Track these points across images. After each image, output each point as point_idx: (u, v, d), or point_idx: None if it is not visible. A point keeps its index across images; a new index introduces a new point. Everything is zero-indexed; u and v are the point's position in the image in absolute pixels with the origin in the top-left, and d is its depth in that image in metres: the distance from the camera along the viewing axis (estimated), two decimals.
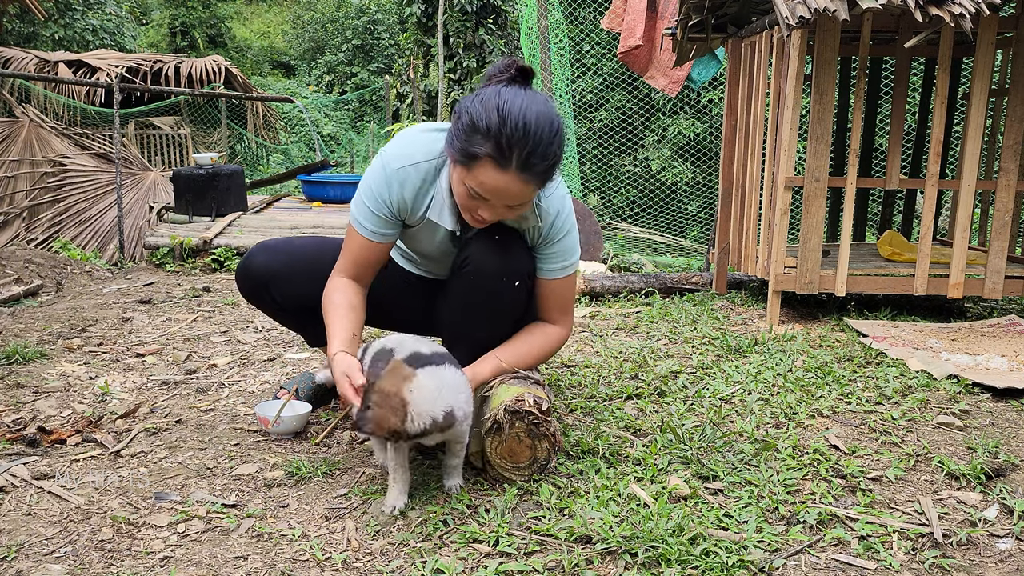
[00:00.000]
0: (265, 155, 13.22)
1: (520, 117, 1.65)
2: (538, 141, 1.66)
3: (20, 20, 12.93)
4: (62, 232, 7.27)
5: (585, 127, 9.33)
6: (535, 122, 1.65)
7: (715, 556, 1.51)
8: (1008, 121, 3.37)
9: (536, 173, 1.69)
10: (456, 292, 1.99)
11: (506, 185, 1.68)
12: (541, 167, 1.69)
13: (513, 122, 1.64)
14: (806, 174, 3.36)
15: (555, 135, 1.70)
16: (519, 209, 1.79)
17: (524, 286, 1.95)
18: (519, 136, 1.64)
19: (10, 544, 1.59)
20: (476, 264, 1.91)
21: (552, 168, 1.73)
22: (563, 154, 1.76)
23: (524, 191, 1.71)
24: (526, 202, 1.77)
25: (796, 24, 2.97)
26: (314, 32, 19.87)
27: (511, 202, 1.74)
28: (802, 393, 2.49)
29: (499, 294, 1.92)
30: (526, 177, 1.68)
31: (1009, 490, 1.83)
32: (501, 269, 1.90)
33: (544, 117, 1.68)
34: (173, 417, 2.31)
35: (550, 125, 1.68)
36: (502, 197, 1.71)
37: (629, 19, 5.99)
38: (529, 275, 1.95)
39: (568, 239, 1.96)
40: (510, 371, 1.96)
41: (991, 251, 3.46)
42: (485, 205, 1.75)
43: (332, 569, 1.52)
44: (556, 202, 1.92)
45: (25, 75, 9.42)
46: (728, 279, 4.22)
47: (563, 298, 2.03)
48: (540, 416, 1.81)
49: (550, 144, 1.68)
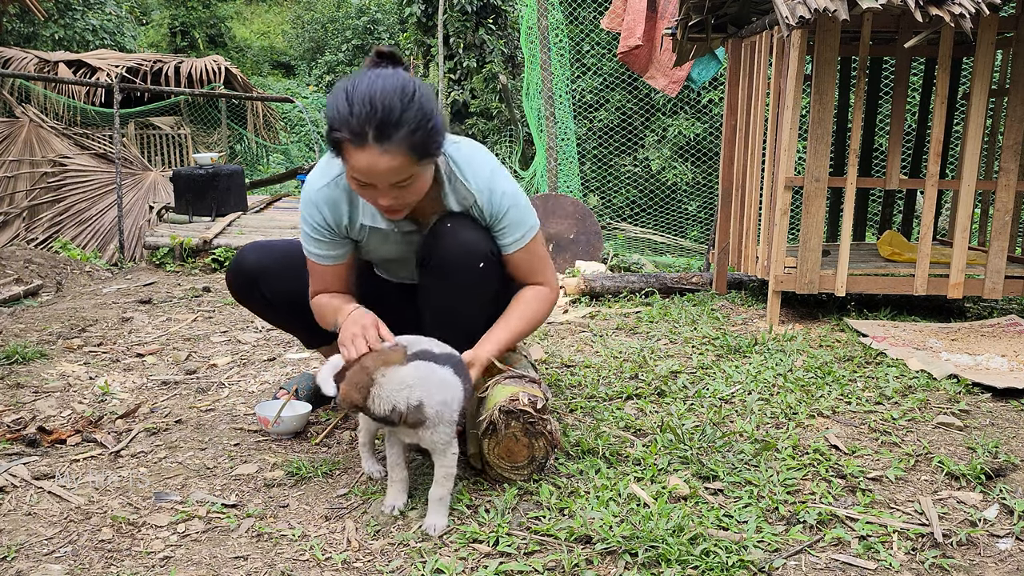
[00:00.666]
0: (265, 155, 13.22)
1: (365, 93, 1.67)
2: (388, 110, 1.65)
3: (20, 20, 12.93)
4: (62, 232, 7.27)
5: (585, 127, 9.33)
6: (381, 93, 1.66)
7: (715, 556, 1.51)
8: (1008, 121, 3.37)
9: (399, 142, 1.67)
10: (429, 289, 2.02)
11: (371, 162, 1.68)
12: (400, 135, 1.66)
13: (359, 100, 1.66)
14: (806, 174, 3.36)
15: (408, 102, 1.68)
16: (412, 186, 1.77)
17: (491, 265, 1.96)
18: (367, 111, 1.65)
19: (10, 544, 1.59)
20: (438, 256, 1.93)
21: (418, 134, 1.69)
22: (430, 119, 1.71)
23: (395, 164, 1.69)
24: (411, 176, 1.74)
25: (796, 24, 2.97)
26: (314, 32, 19.86)
27: (390, 179, 1.72)
28: (802, 393, 2.49)
29: (467, 279, 1.94)
30: (387, 147, 1.67)
31: (1009, 490, 1.83)
32: (462, 254, 1.91)
33: (392, 88, 1.68)
34: (173, 417, 2.31)
35: (400, 92, 1.68)
36: (378, 176, 1.71)
37: (629, 19, 5.99)
38: (492, 252, 1.96)
39: (514, 212, 1.96)
40: (512, 344, 1.99)
41: (991, 251, 3.46)
42: (376, 191, 1.76)
43: (332, 569, 1.52)
44: (484, 180, 1.92)
45: (25, 75, 9.42)
46: (728, 279, 4.22)
47: (533, 263, 2.04)
48: (535, 414, 1.81)
49: (404, 111, 1.66)
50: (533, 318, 2.04)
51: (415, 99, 1.69)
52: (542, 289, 2.06)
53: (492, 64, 12.46)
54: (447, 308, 2.01)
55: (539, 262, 2.05)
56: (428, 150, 1.74)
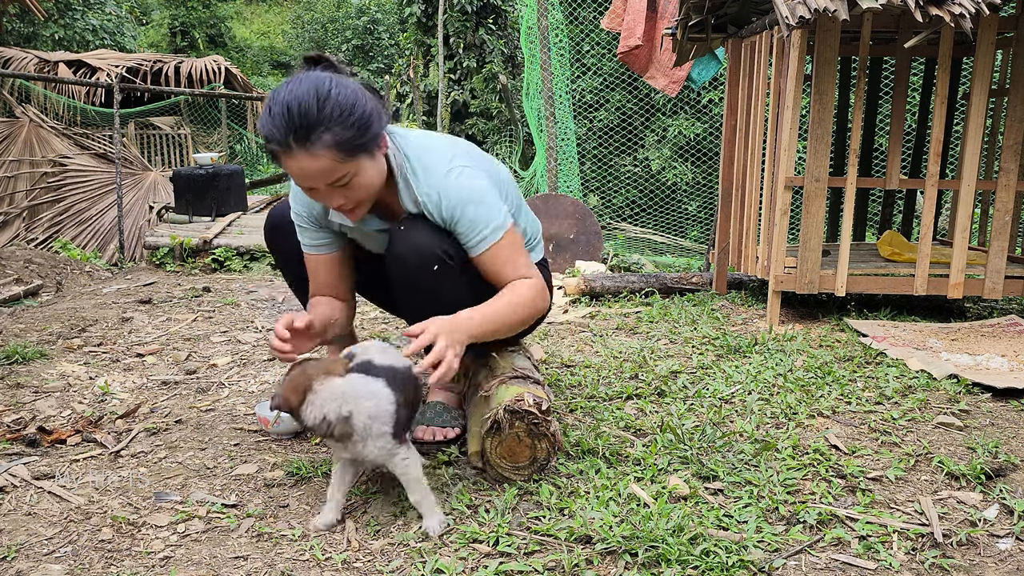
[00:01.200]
0: (265, 155, 13.21)
1: (282, 102, 1.67)
2: (304, 114, 1.65)
3: (20, 20, 12.93)
4: (62, 232, 7.28)
5: (585, 127, 9.33)
6: (296, 99, 1.66)
7: (715, 556, 1.51)
8: (1008, 121, 3.37)
9: (321, 143, 1.67)
10: (396, 291, 1.99)
11: (301, 166, 1.70)
12: (320, 135, 1.66)
13: (277, 110, 1.67)
14: (806, 174, 3.36)
15: (323, 101, 1.67)
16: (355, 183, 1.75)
17: (448, 269, 1.88)
18: (285, 120, 1.66)
19: (10, 544, 1.59)
20: (391, 257, 1.91)
21: (339, 131, 1.68)
22: (351, 114, 1.70)
23: (323, 165, 1.69)
24: (345, 174, 1.73)
25: (796, 24, 2.97)
26: (314, 32, 19.87)
27: (325, 180, 1.72)
28: (802, 393, 2.49)
29: (424, 281, 1.88)
30: (314, 151, 1.67)
31: (1009, 490, 1.83)
32: (415, 258, 1.86)
33: (306, 90, 1.67)
34: (173, 417, 2.31)
35: (315, 95, 1.67)
36: (313, 179, 1.72)
37: (629, 19, 5.99)
38: (448, 255, 1.88)
39: (471, 212, 1.86)
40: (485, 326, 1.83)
41: (991, 251, 3.46)
42: (320, 193, 1.77)
43: (332, 569, 1.52)
44: (435, 181, 1.87)
45: (25, 75, 9.42)
46: (728, 279, 4.22)
47: (503, 263, 1.91)
48: (540, 416, 1.81)
49: (320, 110, 1.66)
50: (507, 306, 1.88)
51: (330, 97, 1.68)
52: (521, 282, 1.91)
53: (492, 64, 12.46)
54: (407, 309, 2.00)
55: (511, 260, 1.92)
56: (356, 145, 1.71)
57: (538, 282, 1.94)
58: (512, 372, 2.00)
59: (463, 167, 1.89)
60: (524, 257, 1.95)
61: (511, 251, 1.92)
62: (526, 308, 1.91)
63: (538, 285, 1.93)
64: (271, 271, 5.23)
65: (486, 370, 2.13)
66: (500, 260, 1.90)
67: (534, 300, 1.92)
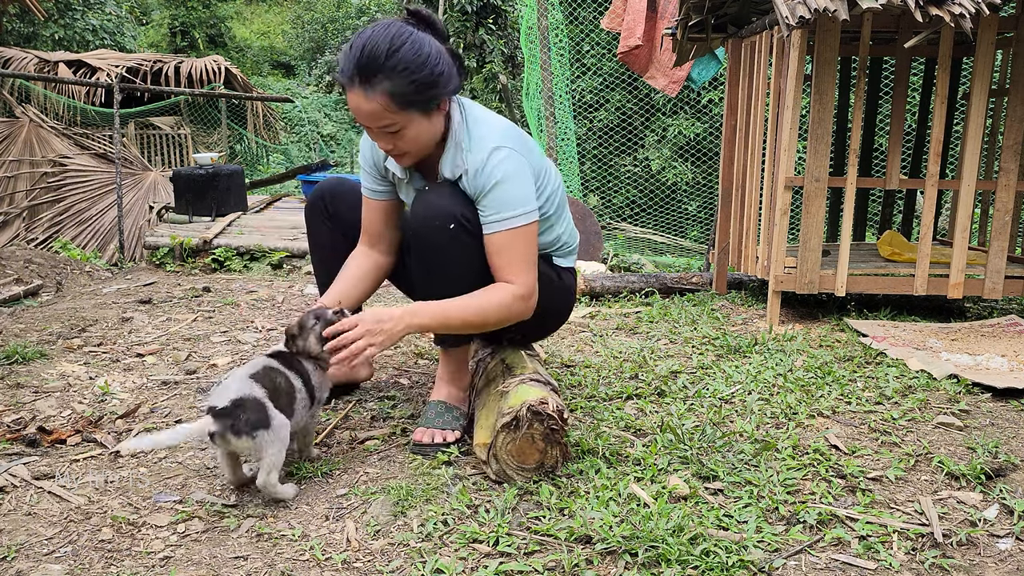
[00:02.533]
0: (265, 155, 13.22)
1: (360, 40, 1.81)
2: (372, 57, 1.78)
3: (20, 20, 12.93)
4: (62, 232, 7.28)
5: (585, 127, 9.33)
6: (372, 42, 1.80)
7: (715, 556, 1.51)
8: (1008, 121, 3.37)
9: (379, 87, 1.79)
10: (411, 255, 2.06)
11: (356, 103, 1.84)
12: (380, 81, 1.79)
13: (355, 45, 1.81)
14: (806, 174, 3.36)
15: (393, 51, 1.79)
16: (404, 134, 1.87)
17: (464, 232, 1.93)
18: (355, 56, 1.80)
19: (10, 544, 1.59)
20: (412, 214, 1.99)
21: (399, 82, 1.79)
22: (417, 71, 1.80)
23: (375, 108, 1.82)
24: (394, 123, 1.84)
25: (796, 24, 2.97)
26: (314, 32, 19.88)
27: (375, 123, 1.85)
28: (802, 393, 2.49)
29: (436, 239, 1.94)
30: (367, 92, 1.80)
31: (1009, 490, 1.83)
32: (432, 213, 1.93)
33: (383, 37, 1.81)
34: (173, 417, 2.31)
35: (388, 44, 1.79)
36: (364, 118, 1.86)
37: (629, 19, 5.99)
38: (466, 219, 1.93)
39: (500, 191, 1.91)
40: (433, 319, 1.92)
41: (991, 251, 3.46)
42: (373, 133, 1.90)
43: (332, 569, 1.52)
44: (481, 153, 1.93)
45: (25, 75, 9.42)
46: (728, 279, 4.22)
47: (511, 254, 1.93)
48: (560, 423, 1.81)
49: (387, 59, 1.78)
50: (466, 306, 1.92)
51: (401, 49, 1.80)
52: (504, 286, 1.93)
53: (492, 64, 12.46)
54: (420, 271, 2.04)
55: (518, 256, 1.94)
56: (410, 100, 1.83)
57: (520, 290, 1.94)
58: (534, 375, 2.01)
59: (511, 150, 1.95)
60: (529, 258, 1.96)
61: (520, 246, 1.94)
62: (497, 313, 1.94)
63: (518, 292, 1.94)
64: (271, 271, 5.24)
65: (502, 366, 2.14)
66: (505, 248, 1.94)
67: (509, 307, 1.94)
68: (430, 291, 2.03)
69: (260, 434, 1.69)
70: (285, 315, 3.65)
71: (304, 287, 4.38)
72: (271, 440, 1.71)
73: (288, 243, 5.48)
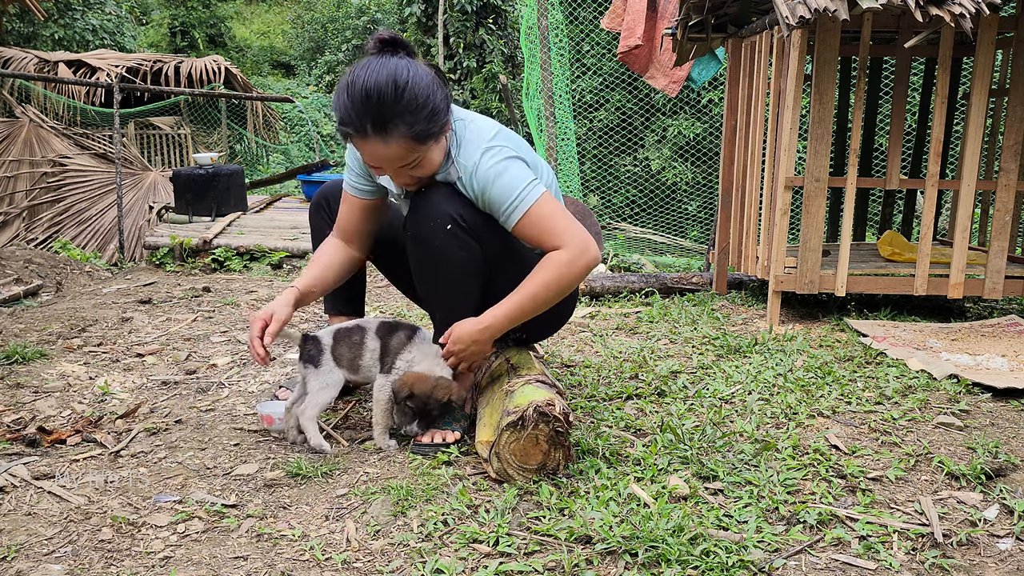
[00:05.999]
0: (265, 155, 13.21)
1: (361, 91, 1.79)
2: (382, 104, 1.78)
3: (20, 20, 12.92)
4: (62, 232, 7.28)
5: (585, 127, 9.32)
6: (376, 87, 1.78)
7: (715, 556, 1.51)
8: (1008, 121, 3.37)
9: (397, 132, 1.81)
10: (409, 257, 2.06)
11: (374, 151, 1.85)
12: (397, 126, 1.80)
13: (356, 96, 1.79)
14: (806, 174, 3.36)
15: (400, 93, 1.79)
16: (414, 165, 1.90)
17: (460, 231, 1.95)
18: (362, 105, 1.79)
19: (10, 544, 1.59)
20: (410, 218, 2.00)
21: (413, 121, 1.81)
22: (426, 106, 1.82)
23: (397, 151, 1.84)
24: (413, 159, 1.88)
25: (796, 24, 2.97)
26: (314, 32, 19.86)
27: (394, 165, 1.88)
28: (802, 393, 2.49)
29: (433, 239, 1.95)
30: (386, 139, 1.82)
31: (1009, 490, 1.82)
32: (429, 214, 1.95)
33: (385, 80, 1.79)
34: (173, 417, 2.31)
35: (393, 87, 1.78)
36: (382, 161, 1.87)
37: (629, 19, 5.99)
38: (462, 218, 1.95)
39: (499, 183, 1.93)
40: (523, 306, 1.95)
41: (991, 251, 3.46)
42: (383, 171, 1.93)
43: (332, 569, 1.52)
44: (470, 160, 1.96)
45: (25, 75, 9.42)
46: (728, 279, 4.22)
47: (542, 229, 1.94)
48: (565, 425, 1.81)
49: (397, 102, 1.78)
50: (542, 280, 1.93)
51: (408, 88, 1.79)
52: (557, 253, 1.93)
53: (492, 64, 12.45)
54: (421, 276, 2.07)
55: (549, 226, 1.94)
56: (428, 133, 1.84)
57: (569, 252, 1.93)
58: (540, 376, 2.01)
59: (500, 147, 1.97)
60: (560, 219, 1.96)
61: (546, 216, 1.95)
62: (559, 281, 1.94)
63: (569, 255, 1.92)
64: (271, 271, 5.23)
65: (508, 365, 2.14)
66: (533, 226, 1.95)
67: (570, 269, 1.93)
68: (433, 293, 2.06)
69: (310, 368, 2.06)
70: None
71: None
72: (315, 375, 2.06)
73: (288, 243, 5.48)
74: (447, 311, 2.07)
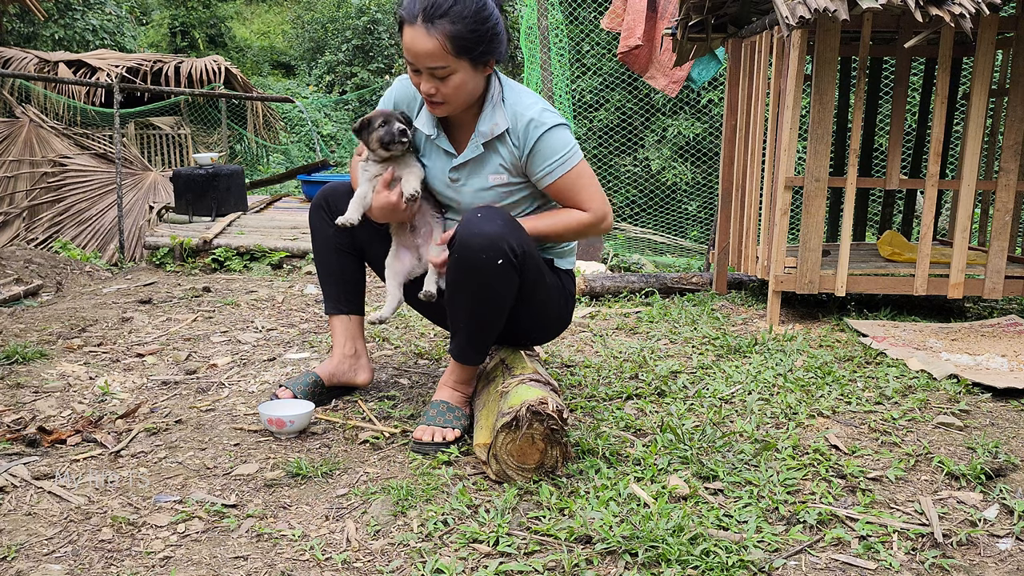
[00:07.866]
0: (265, 155, 13.21)
1: None
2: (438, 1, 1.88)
3: (20, 20, 12.92)
4: (62, 232, 7.28)
5: (585, 127, 9.32)
6: None
7: (715, 556, 1.51)
8: (1008, 121, 3.38)
9: (441, 28, 1.89)
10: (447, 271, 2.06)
11: (414, 39, 1.91)
12: (444, 22, 1.88)
13: None
14: (806, 174, 3.36)
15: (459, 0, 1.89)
16: (450, 81, 1.96)
17: (509, 266, 1.95)
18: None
19: (10, 544, 1.59)
20: (459, 241, 1.97)
21: (461, 28, 1.89)
22: (481, 24, 1.92)
23: (433, 49, 1.90)
24: (447, 66, 1.93)
25: (796, 24, 2.97)
26: (314, 32, 19.84)
27: (428, 62, 1.92)
28: (802, 393, 2.49)
29: (482, 271, 1.94)
30: (429, 30, 1.89)
31: (1009, 490, 1.83)
32: (482, 245, 1.94)
33: None
34: (173, 417, 2.31)
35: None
36: (417, 56, 1.92)
37: (629, 19, 5.99)
38: (513, 252, 1.95)
39: (552, 138, 2.05)
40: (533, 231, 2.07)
41: (991, 251, 3.46)
42: (420, 77, 1.97)
43: (332, 569, 1.52)
44: (523, 108, 2.05)
45: (25, 75, 9.42)
46: (728, 279, 4.22)
47: (575, 190, 2.09)
48: (560, 423, 1.81)
49: (454, 4, 1.89)
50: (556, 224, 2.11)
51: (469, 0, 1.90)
52: (580, 213, 2.11)
53: None
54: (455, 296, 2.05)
55: (583, 190, 2.09)
56: (467, 47, 1.92)
57: (592, 217, 2.11)
58: (534, 375, 2.01)
59: (552, 111, 2.08)
60: (593, 188, 2.12)
61: (584, 180, 2.10)
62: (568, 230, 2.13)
63: (591, 219, 2.11)
64: (271, 271, 5.24)
65: (502, 366, 2.14)
66: (567, 189, 2.09)
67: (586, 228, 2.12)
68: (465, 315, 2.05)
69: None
70: (285, 315, 3.65)
71: (304, 287, 4.38)
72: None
73: (288, 243, 5.48)
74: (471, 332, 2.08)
